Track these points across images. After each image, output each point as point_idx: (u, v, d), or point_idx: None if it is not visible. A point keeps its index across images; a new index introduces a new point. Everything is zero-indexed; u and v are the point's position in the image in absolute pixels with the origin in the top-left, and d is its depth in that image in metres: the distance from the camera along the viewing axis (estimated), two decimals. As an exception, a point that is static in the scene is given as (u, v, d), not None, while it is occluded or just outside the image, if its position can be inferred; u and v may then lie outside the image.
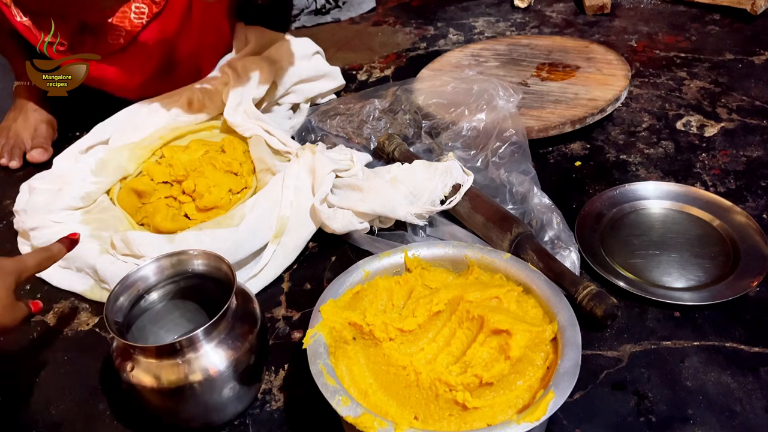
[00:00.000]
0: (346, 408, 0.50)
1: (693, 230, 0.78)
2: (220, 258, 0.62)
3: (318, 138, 1.01)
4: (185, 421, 0.60)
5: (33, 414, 0.65)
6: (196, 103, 1.03)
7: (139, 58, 1.04)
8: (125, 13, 0.99)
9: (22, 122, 1.10)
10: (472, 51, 1.19)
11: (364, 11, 1.55)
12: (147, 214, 0.85)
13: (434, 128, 0.96)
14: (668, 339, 0.65)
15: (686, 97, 1.06)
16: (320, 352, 0.55)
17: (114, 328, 0.56)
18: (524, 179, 0.81)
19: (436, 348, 0.59)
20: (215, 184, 0.86)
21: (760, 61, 1.15)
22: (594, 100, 0.97)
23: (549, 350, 0.56)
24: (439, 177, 0.80)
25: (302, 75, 1.09)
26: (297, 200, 0.81)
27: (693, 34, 1.27)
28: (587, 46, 1.14)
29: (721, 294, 0.68)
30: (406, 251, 0.66)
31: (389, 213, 0.77)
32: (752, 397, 0.59)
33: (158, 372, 0.55)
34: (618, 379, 0.62)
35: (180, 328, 0.69)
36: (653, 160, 0.92)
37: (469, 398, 0.52)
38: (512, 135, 0.87)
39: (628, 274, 0.72)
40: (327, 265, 0.80)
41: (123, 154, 0.93)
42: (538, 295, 0.60)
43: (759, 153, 0.91)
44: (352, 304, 0.62)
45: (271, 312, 0.74)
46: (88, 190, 0.87)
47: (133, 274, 0.62)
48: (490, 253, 0.65)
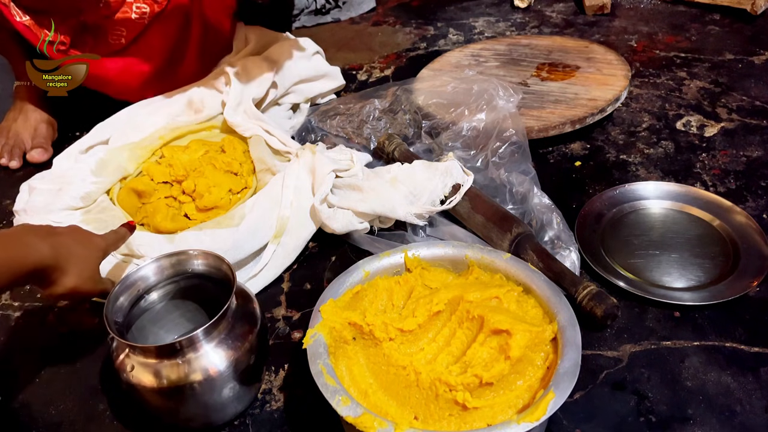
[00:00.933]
0: (346, 408, 0.50)
1: (693, 230, 0.78)
2: (220, 258, 0.62)
3: (318, 138, 1.01)
4: (185, 421, 0.60)
5: (33, 414, 0.65)
6: (196, 103, 1.03)
7: (141, 58, 1.04)
8: (126, 13, 0.99)
9: (22, 122, 1.10)
10: (472, 51, 1.19)
11: (364, 11, 1.55)
12: (147, 214, 0.85)
13: (434, 128, 0.96)
14: (668, 339, 0.65)
15: (686, 97, 1.06)
16: (320, 352, 0.55)
17: (114, 328, 0.56)
18: (524, 179, 0.81)
19: (436, 348, 0.59)
20: (215, 184, 0.86)
21: (760, 61, 1.15)
22: (594, 100, 0.97)
23: (549, 350, 0.56)
24: (439, 177, 0.80)
25: (302, 75, 1.09)
26: (297, 200, 0.81)
27: (693, 34, 1.27)
28: (587, 46, 1.14)
29: (721, 294, 0.68)
30: (406, 251, 0.66)
31: (389, 213, 0.77)
32: (752, 397, 0.59)
33: (158, 372, 0.55)
34: (618, 379, 0.62)
35: (180, 328, 0.69)
36: (653, 160, 0.92)
37: (469, 398, 0.52)
38: (512, 135, 0.87)
39: (628, 274, 0.72)
40: (327, 265, 0.80)
41: (123, 154, 0.93)
42: (538, 295, 0.60)
43: (759, 153, 0.91)
44: (352, 304, 0.62)
45: (271, 312, 0.74)
46: (88, 190, 0.87)
47: (133, 274, 0.62)
48: (490, 253, 0.65)
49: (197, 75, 1.11)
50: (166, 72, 1.08)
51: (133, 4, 0.99)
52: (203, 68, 1.12)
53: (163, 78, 1.08)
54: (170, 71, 1.08)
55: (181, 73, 1.10)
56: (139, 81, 1.06)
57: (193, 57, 1.10)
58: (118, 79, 1.04)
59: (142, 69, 1.05)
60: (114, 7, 0.98)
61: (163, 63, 1.06)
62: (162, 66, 1.06)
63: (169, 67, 1.08)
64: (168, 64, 1.07)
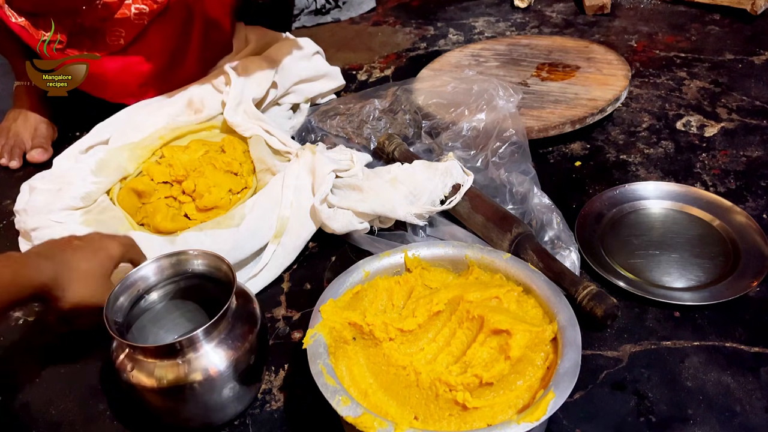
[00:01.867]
0: (346, 408, 0.50)
1: (693, 230, 0.78)
2: (220, 258, 0.62)
3: (318, 138, 1.01)
4: (185, 421, 0.60)
5: (33, 414, 0.66)
6: (196, 103, 1.03)
7: (140, 58, 1.04)
8: (125, 13, 0.99)
9: (22, 122, 1.10)
10: (472, 51, 1.19)
11: (364, 11, 1.55)
12: (147, 214, 0.85)
13: (434, 128, 0.96)
14: (668, 339, 0.65)
15: (686, 97, 1.06)
16: (320, 352, 0.55)
17: (114, 328, 0.56)
18: (524, 179, 0.81)
19: (436, 348, 0.59)
20: (215, 184, 0.86)
21: (760, 61, 1.15)
22: (594, 100, 0.97)
23: (549, 350, 0.56)
24: (439, 177, 0.80)
25: (302, 75, 1.09)
26: (297, 200, 0.81)
27: (693, 34, 1.27)
28: (587, 46, 1.14)
29: (721, 294, 0.68)
30: (406, 251, 0.66)
31: (389, 213, 0.77)
32: (752, 397, 0.59)
33: (158, 372, 0.55)
34: (618, 379, 0.62)
35: (180, 328, 0.69)
36: (653, 160, 0.92)
37: (469, 398, 0.52)
38: (512, 135, 0.87)
39: (628, 274, 0.72)
40: (327, 265, 0.80)
41: (123, 154, 0.93)
42: (538, 295, 0.60)
43: (759, 153, 0.91)
44: (352, 304, 0.62)
45: (271, 312, 0.74)
46: (88, 190, 0.87)
47: (133, 274, 0.62)
48: (490, 253, 0.65)
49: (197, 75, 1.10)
50: (165, 72, 1.07)
51: (132, 5, 0.99)
52: (203, 68, 1.12)
53: (163, 78, 1.07)
54: (170, 71, 1.08)
55: (180, 73, 1.10)
56: (138, 82, 1.06)
57: (194, 57, 1.10)
58: (117, 80, 1.04)
59: (142, 69, 1.05)
60: (112, 8, 0.98)
61: (162, 63, 1.06)
62: (162, 66, 1.06)
63: (168, 67, 1.08)
64: (168, 64, 1.07)
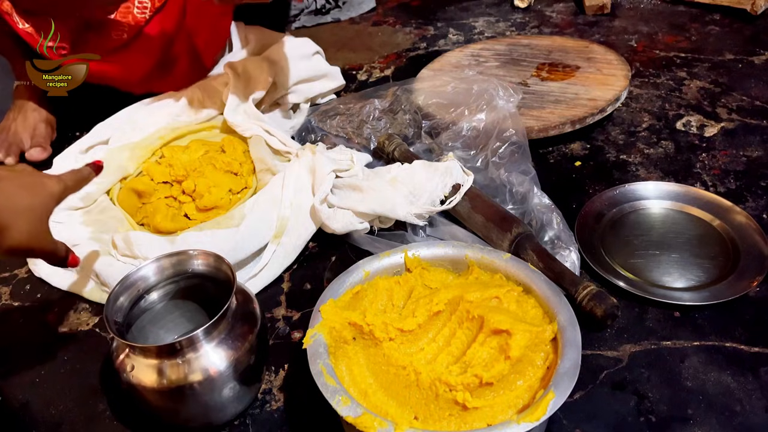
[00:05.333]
0: (346, 408, 0.50)
1: (693, 230, 0.78)
2: (220, 258, 0.62)
3: (318, 138, 1.01)
4: (185, 421, 0.60)
5: (33, 414, 0.65)
6: (196, 103, 1.03)
7: (141, 53, 1.04)
8: (129, 8, 0.99)
9: (22, 122, 1.10)
10: (472, 51, 1.19)
11: (364, 11, 1.55)
12: (147, 214, 0.85)
13: (434, 128, 0.96)
14: (668, 339, 0.65)
15: (686, 97, 1.06)
16: (320, 352, 0.55)
17: (114, 328, 0.56)
18: (524, 179, 0.81)
19: (436, 348, 0.59)
20: (215, 184, 0.86)
21: (760, 61, 1.15)
22: (594, 100, 0.97)
23: (549, 350, 0.56)
24: (439, 177, 0.80)
25: (302, 75, 1.09)
26: (297, 200, 0.81)
27: (693, 34, 1.27)
28: (587, 46, 1.14)
29: (721, 294, 0.68)
30: (406, 251, 0.66)
31: (389, 213, 0.77)
32: (752, 397, 0.59)
33: (158, 372, 0.55)
34: (618, 379, 0.62)
35: (180, 328, 0.69)
36: (653, 160, 0.92)
37: (469, 398, 0.52)
38: (512, 135, 0.87)
39: (628, 274, 0.72)
40: (327, 265, 0.80)
41: (123, 154, 0.93)
42: (538, 295, 0.60)
43: (759, 153, 0.91)
44: (352, 304, 0.62)
45: (271, 312, 0.74)
46: (88, 191, 0.87)
47: (133, 274, 0.62)
48: (490, 253, 0.65)
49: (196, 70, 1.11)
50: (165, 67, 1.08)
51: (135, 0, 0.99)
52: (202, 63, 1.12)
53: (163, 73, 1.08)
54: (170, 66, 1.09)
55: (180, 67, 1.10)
56: (139, 76, 1.06)
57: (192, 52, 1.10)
58: (120, 75, 1.05)
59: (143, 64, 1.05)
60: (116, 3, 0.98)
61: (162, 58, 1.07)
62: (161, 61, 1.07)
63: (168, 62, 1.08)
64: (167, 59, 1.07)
